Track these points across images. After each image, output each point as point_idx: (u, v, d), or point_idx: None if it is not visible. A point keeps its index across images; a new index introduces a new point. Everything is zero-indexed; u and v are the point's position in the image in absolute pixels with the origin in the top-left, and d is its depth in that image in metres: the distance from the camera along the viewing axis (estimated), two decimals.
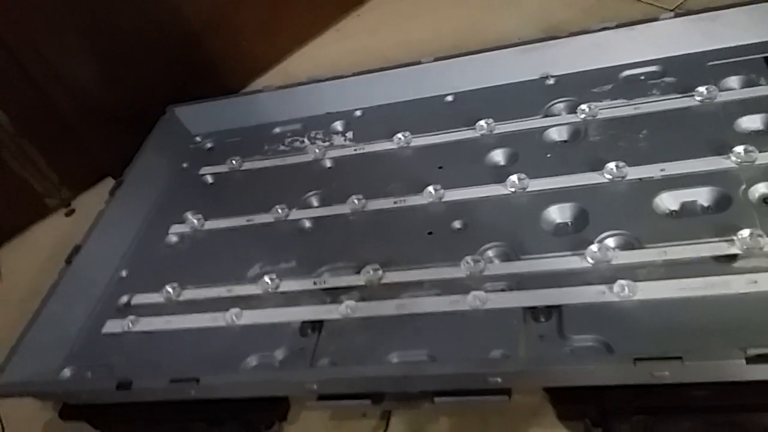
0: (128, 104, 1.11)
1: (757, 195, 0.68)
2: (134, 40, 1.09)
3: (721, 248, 0.64)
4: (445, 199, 0.81)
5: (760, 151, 0.70)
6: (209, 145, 1.08)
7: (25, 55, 1.00)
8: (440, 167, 0.86)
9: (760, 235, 0.62)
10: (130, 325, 0.82)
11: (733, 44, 0.83)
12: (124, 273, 0.91)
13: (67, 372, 0.80)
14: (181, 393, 0.69)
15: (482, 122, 0.88)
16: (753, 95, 0.77)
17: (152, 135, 1.07)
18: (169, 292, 0.83)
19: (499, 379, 0.59)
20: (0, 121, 1.05)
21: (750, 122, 0.75)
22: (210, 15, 1.16)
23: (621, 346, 0.60)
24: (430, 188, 0.82)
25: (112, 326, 0.83)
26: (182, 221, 0.94)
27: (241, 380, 0.69)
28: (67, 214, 1.16)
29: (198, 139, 1.10)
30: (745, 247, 0.62)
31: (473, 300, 0.68)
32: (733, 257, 0.63)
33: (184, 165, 1.06)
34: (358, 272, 0.76)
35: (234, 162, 1.00)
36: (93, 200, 1.14)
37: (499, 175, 0.80)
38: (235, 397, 0.70)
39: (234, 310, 0.77)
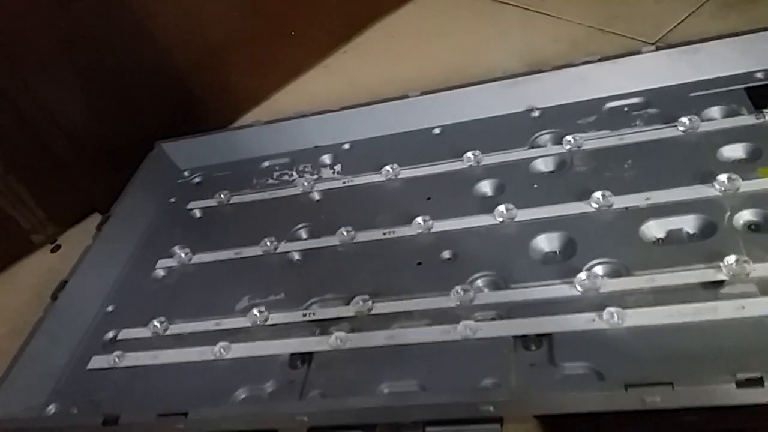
0: (117, 140, 1.11)
1: (741, 222, 0.69)
2: (123, 77, 1.10)
3: (708, 275, 0.64)
4: (434, 229, 0.81)
5: (743, 179, 0.71)
6: (197, 179, 1.09)
7: (15, 90, 1.01)
8: (428, 198, 0.87)
9: (746, 261, 0.63)
10: (117, 360, 0.80)
11: (714, 75, 0.86)
12: (110, 308, 0.90)
13: (52, 408, 0.78)
14: (170, 428, 0.68)
15: (469, 154, 0.89)
16: (735, 125, 0.79)
17: (140, 170, 1.07)
18: (156, 327, 0.82)
19: (491, 408, 0.59)
20: None
21: (732, 151, 0.77)
22: (199, 53, 1.17)
23: (612, 372, 0.60)
24: (419, 219, 0.82)
25: (99, 362, 0.82)
26: (170, 255, 0.94)
27: (231, 413, 0.68)
28: (53, 250, 1.15)
29: (186, 173, 1.10)
30: (731, 273, 0.63)
31: (464, 329, 0.68)
32: (720, 283, 0.64)
33: (172, 200, 1.05)
34: (348, 303, 0.76)
35: (222, 196, 1.01)
36: (80, 236, 1.14)
37: (487, 205, 0.81)
38: (225, 431, 0.69)
39: (222, 344, 0.77)
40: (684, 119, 0.81)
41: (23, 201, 1.10)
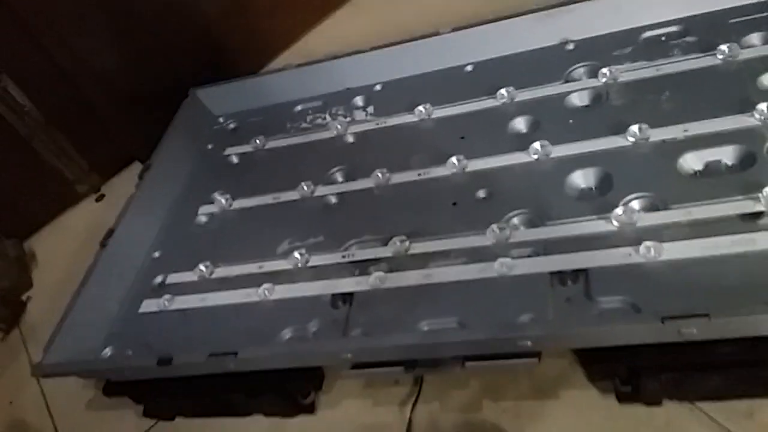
0: (152, 89, 1.13)
1: None
2: (155, 26, 1.10)
3: (747, 206, 0.64)
4: (469, 169, 0.82)
5: None
6: (232, 125, 1.10)
7: (51, 44, 1.02)
8: (462, 138, 0.87)
9: None
10: (166, 303, 0.84)
11: (754, 0, 0.82)
12: (157, 254, 0.93)
13: (108, 351, 0.83)
14: (220, 367, 0.72)
15: (503, 91, 0.88)
16: None
17: (176, 118, 1.09)
18: (202, 271, 0.85)
19: (528, 342, 0.60)
20: (29, 111, 1.07)
21: None
22: None
23: (648, 306, 0.61)
24: (453, 159, 0.82)
25: (149, 305, 0.86)
26: (211, 201, 0.96)
27: (278, 352, 0.71)
28: (98, 200, 1.19)
29: (221, 120, 1.12)
30: None
31: (500, 267, 0.69)
32: (758, 215, 0.63)
33: (209, 146, 1.07)
34: (386, 244, 0.78)
35: (258, 141, 1.02)
36: (122, 185, 1.17)
37: (522, 142, 0.80)
38: (272, 368, 0.72)
39: (266, 286, 0.79)
40: (723, 47, 0.79)
41: (66, 152, 1.13)
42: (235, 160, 1.03)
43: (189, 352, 0.73)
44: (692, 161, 0.71)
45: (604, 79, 0.83)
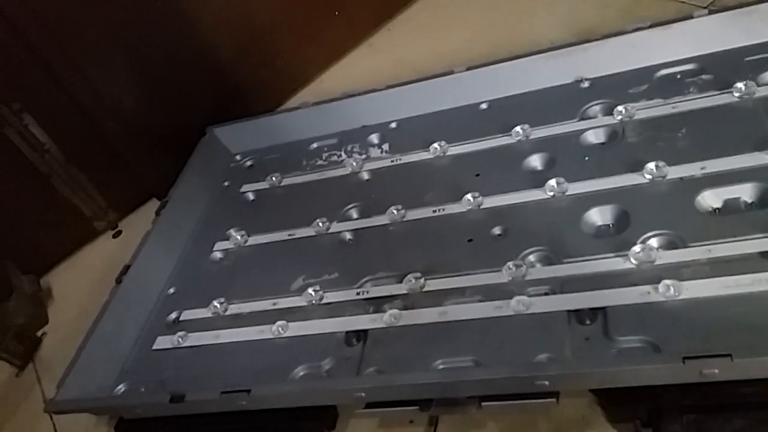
0: (170, 127, 1.15)
1: None
2: (173, 65, 1.12)
3: (767, 244, 0.63)
4: (484, 206, 0.82)
5: None
6: (249, 163, 1.11)
7: (72, 82, 1.04)
8: (477, 175, 0.87)
9: None
10: (180, 340, 0.84)
11: None
12: (172, 290, 0.93)
13: (121, 387, 0.82)
14: (233, 404, 0.71)
15: (518, 128, 0.88)
16: None
17: (194, 156, 1.10)
18: (216, 307, 0.85)
19: (546, 382, 0.59)
20: (49, 149, 1.09)
21: None
22: (245, 37, 1.19)
23: (668, 345, 0.60)
24: (469, 196, 0.82)
25: (163, 342, 0.86)
26: (226, 238, 0.96)
27: (291, 390, 0.71)
28: (115, 236, 1.20)
29: (238, 157, 1.13)
30: None
31: (517, 305, 0.68)
32: None
33: (226, 183, 1.08)
34: (401, 281, 0.77)
35: (274, 178, 1.03)
36: (139, 221, 1.18)
37: (537, 180, 0.80)
38: (285, 407, 0.71)
39: (280, 323, 0.79)
40: (739, 84, 0.78)
41: (84, 189, 1.14)
42: (251, 197, 1.03)
43: (202, 390, 0.73)
44: (710, 199, 0.70)
45: (619, 117, 0.83)
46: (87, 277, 1.13)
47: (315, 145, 1.06)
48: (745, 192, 0.69)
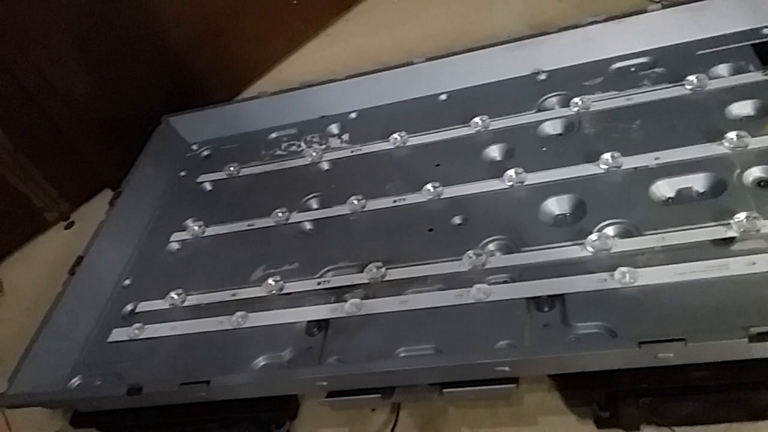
0: (124, 116, 1.12)
1: (751, 179, 0.69)
2: (127, 52, 1.09)
3: (719, 232, 0.65)
4: (444, 195, 0.82)
5: (752, 136, 0.72)
6: (206, 152, 1.09)
7: (22, 69, 1.01)
8: (437, 165, 0.87)
9: (756, 218, 0.64)
10: (137, 332, 0.82)
11: (721, 33, 0.85)
12: (127, 281, 0.91)
13: (76, 381, 0.80)
14: (192, 396, 0.70)
15: (477, 119, 0.89)
16: (742, 82, 0.79)
17: (149, 145, 1.08)
18: (173, 299, 0.84)
19: (506, 368, 0.60)
20: None
21: (741, 108, 0.77)
22: (201, 25, 1.17)
23: (624, 331, 0.61)
24: (429, 186, 0.83)
25: (119, 334, 0.84)
26: (183, 229, 0.95)
27: (251, 380, 0.70)
28: (67, 227, 1.16)
29: (194, 147, 1.11)
30: (742, 229, 0.64)
31: (477, 293, 0.69)
32: (730, 240, 0.64)
33: (182, 173, 1.06)
34: (362, 271, 0.77)
35: (232, 168, 1.01)
36: (92, 212, 1.15)
37: (496, 170, 0.81)
38: (245, 397, 0.71)
39: (240, 313, 0.78)
40: (692, 77, 0.81)
41: (34, 179, 1.11)
42: (208, 187, 1.02)
43: (160, 382, 0.71)
44: (664, 188, 0.72)
45: (576, 109, 0.85)
46: (39, 269, 1.09)
47: (274, 135, 1.05)
48: (698, 182, 0.71)
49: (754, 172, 0.70)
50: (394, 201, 0.84)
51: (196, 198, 1.01)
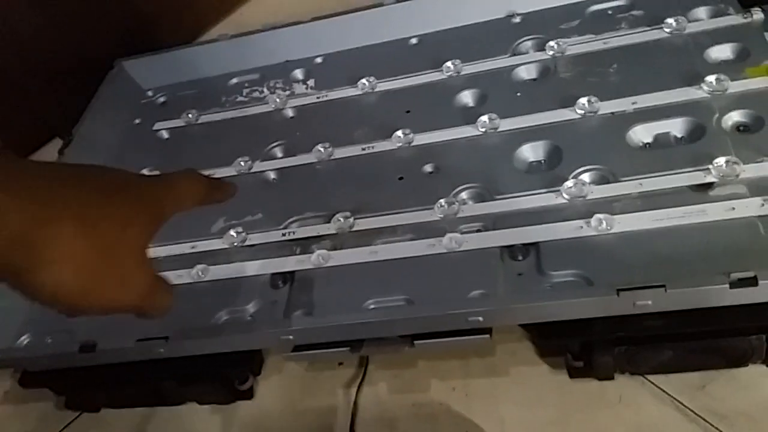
0: (73, 60, 1.05)
1: (730, 123, 0.67)
2: None
3: (697, 177, 0.63)
4: (415, 143, 0.79)
5: (731, 80, 0.69)
6: (162, 99, 1.03)
7: None
8: (408, 111, 0.83)
9: (735, 163, 0.62)
10: None
11: None
12: None
13: (25, 339, 0.76)
14: (150, 353, 0.67)
15: (449, 64, 0.85)
16: (722, 25, 0.76)
17: (100, 91, 1.02)
18: None
19: (480, 318, 0.58)
20: None
21: (720, 52, 0.75)
22: None
23: (601, 279, 0.59)
24: (399, 133, 0.79)
25: None
26: None
27: (213, 335, 0.66)
28: None
29: (150, 93, 1.05)
30: (721, 174, 0.62)
31: (449, 242, 0.66)
32: (709, 185, 0.62)
33: (137, 121, 1.00)
34: (329, 221, 0.74)
35: (190, 115, 0.96)
36: None
37: (469, 116, 0.78)
38: (207, 353, 0.67)
39: (200, 266, 0.74)
40: (670, 20, 0.78)
41: None
42: (165, 135, 0.97)
43: (114, 338, 0.67)
44: (641, 134, 0.70)
45: (551, 53, 0.81)
46: None
47: (234, 81, 1.00)
48: (675, 127, 0.69)
49: (734, 117, 0.68)
50: (363, 149, 0.80)
51: (152, 147, 0.95)
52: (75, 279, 0.36)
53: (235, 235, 0.76)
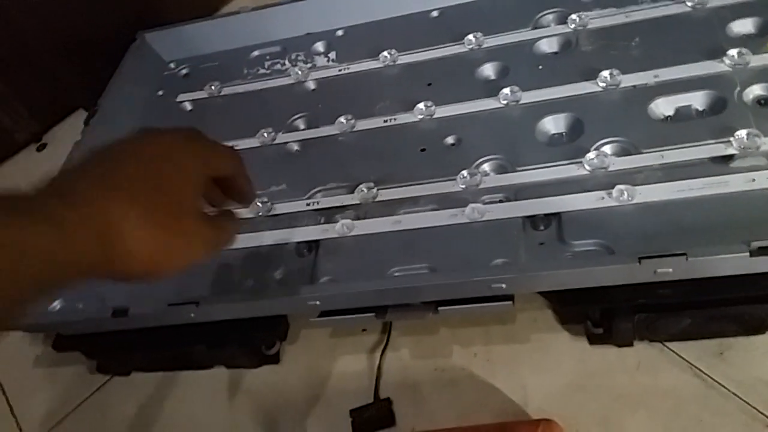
0: (96, 32, 1.06)
1: (751, 96, 0.68)
2: None
3: (718, 149, 0.64)
4: (437, 115, 0.79)
5: (753, 54, 0.70)
6: (185, 71, 1.04)
7: None
8: (429, 84, 0.84)
9: (756, 135, 0.63)
10: None
11: None
12: None
13: (57, 304, 0.78)
14: (180, 317, 0.68)
15: (470, 36, 0.85)
16: None
17: (124, 63, 1.03)
18: None
19: (503, 285, 0.59)
20: None
21: (742, 26, 0.75)
22: None
23: (621, 248, 0.60)
24: (421, 105, 0.80)
25: None
26: None
27: (242, 300, 0.68)
28: (39, 149, 1.12)
29: (172, 65, 1.06)
30: (741, 147, 0.63)
31: (471, 212, 0.68)
32: (730, 157, 0.63)
33: (160, 93, 1.02)
34: (352, 191, 0.75)
35: (213, 87, 0.97)
36: (65, 134, 1.11)
37: (491, 89, 0.79)
38: (235, 317, 0.69)
39: None
40: None
41: (4, 98, 1.05)
42: (188, 107, 0.98)
43: (146, 302, 0.69)
44: (663, 106, 0.71)
45: (573, 26, 0.82)
46: None
47: (256, 53, 1.01)
48: (697, 99, 0.70)
49: (755, 90, 0.68)
50: (385, 121, 0.82)
51: (175, 118, 0.97)
52: (151, 257, 0.42)
53: (260, 205, 0.78)
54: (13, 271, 0.35)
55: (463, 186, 0.71)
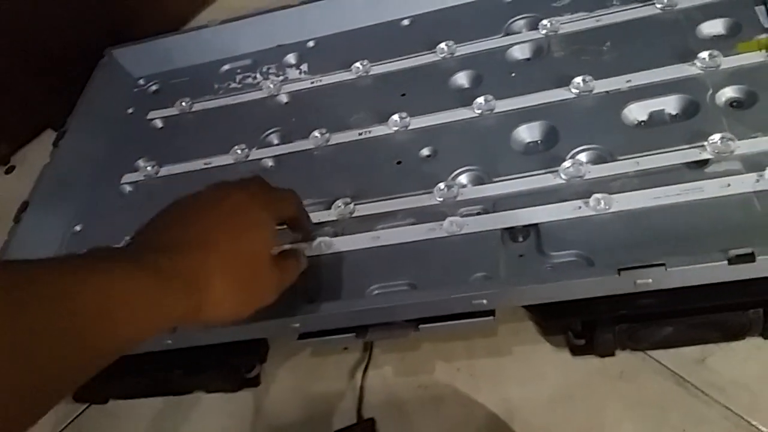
0: (62, 49, 1.04)
1: (724, 99, 0.68)
2: None
3: (693, 154, 0.64)
4: (411, 126, 0.79)
5: (724, 56, 0.70)
6: (154, 87, 1.03)
7: None
8: (403, 95, 0.83)
9: (730, 139, 0.63)
10: None
11: None
12: (78, 227, 0.86)
13: None
14: (156, 343, 0.67)
15: (442, 45, 0.85)
16: (713, 0, 0.76)
17: (92, 81, 1.01)
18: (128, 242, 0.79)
19: (484, 301, 0.59)
20: None
21: (712, 27, 0.75)
22: None
23: (601, 258, 0.60)
24: (395, 117, 0.79)
25: None
26: (135, 169, 0.90)
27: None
28: (7, 171, 1.10)
29: (141, 82, 1.04)
30: (716, 151, 0.63)
31: (450, 225, 0.67)
32: (704, 162, 0.63)
33: (130, 110, 1.00)
34: (329, 207, 0.74)
35: (183, 104, 0.95)
36: (33, 155, 1.09)
37: (465, 98, 0.78)
38: (214, 343, 0.68)
39: None
40: None
41: None
42: (159, 124, 0.96)
43: None
44: (636, 112, 0.70)
45: (544, 31, 0.81)
46: None
47: (227, 67, 0.99)
48: (670, 104, 0.70)
49: (727, 93, 0.68)
50: (360, 134, 0.81)
51: (146, 136, 0.95)
52: (234, 305, 0.48)
53: None
54: (121, 321, 0.39)
55: (441, 199, 0.70)
